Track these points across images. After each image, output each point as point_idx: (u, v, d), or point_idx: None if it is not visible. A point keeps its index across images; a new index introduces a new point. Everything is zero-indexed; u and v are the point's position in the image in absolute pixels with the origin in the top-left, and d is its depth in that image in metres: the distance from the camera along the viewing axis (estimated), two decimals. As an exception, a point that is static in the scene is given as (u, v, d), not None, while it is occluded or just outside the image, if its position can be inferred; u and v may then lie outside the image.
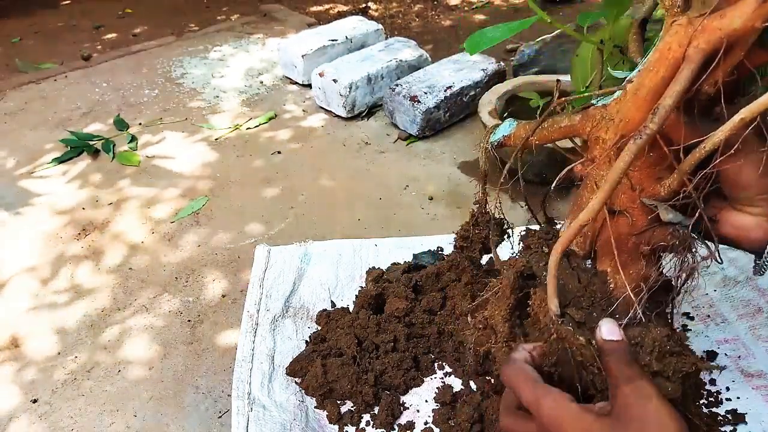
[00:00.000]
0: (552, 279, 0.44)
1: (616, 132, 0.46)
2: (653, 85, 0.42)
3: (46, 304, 1.23)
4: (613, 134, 0.47)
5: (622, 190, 0.48)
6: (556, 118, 0.53)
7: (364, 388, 0.78)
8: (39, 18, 2.91)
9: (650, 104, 0.42)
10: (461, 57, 1.90)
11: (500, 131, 0.58)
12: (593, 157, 0.50)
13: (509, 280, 0.52)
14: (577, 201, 0.53)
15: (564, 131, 0.52)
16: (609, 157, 0.48)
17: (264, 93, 2.07)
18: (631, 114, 0.44)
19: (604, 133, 0.48)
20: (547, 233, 0.58)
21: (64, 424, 0.98)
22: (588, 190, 0.51)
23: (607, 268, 0.51)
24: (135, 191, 1.58)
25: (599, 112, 0.49)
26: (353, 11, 2.82)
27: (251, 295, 0.95)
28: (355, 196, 1.51)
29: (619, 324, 0.46)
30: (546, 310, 0.46)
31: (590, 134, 0.50)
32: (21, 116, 1.99)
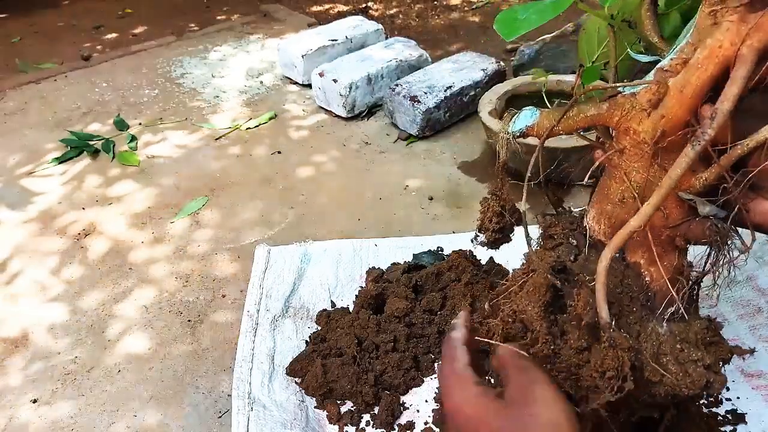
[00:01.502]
0: (601, 287, 0.43)
1: (655, 127, 0.45)
2: (701, 84, 0.42)
3: (46, 304, 1.23)
4: (651, 129, 0.46)
5: (656, 183, 0.48)
6: (582, 107, 0.52)
7: (364, 388, 0.78)
8: (39, 18, 2.91)
9: (696, 102, 0.42)
10: (461, 57, 1.90)
11: (522, 120, 0.56)
12: (622, 147, 0.49)
13: (542, 275, 0.50)
14: (604, 191, 0.52)
15: (590, 120, 0.51)
16: (645, 152, 0.47)
17: (264, 93, 2.07)
18: (675, 111, 0.44)
19: (637, 124, 0.48)
20: (571, 222, 0.57)
21: (64, 424, 0.98)
22: (617, 181, 0.51)
23: (639, 260, 0.51)
24: (135, 191, 1.58)
25: (628, 101, 0.48)
26: (353, 11, 2.82)
27: (251, 295, 0.95)
28: (355, 196, 1.51)
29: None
30: (590, 312, 0.45)
31: (619, 124, 0.49)
32: (21, 116, 1.99)
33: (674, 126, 0.45)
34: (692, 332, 0.47)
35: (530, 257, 0.54)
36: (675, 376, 0.45)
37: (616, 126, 0.50)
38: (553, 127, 0.53)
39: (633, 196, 0.49)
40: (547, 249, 0.56)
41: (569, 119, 0.52)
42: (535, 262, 0.52)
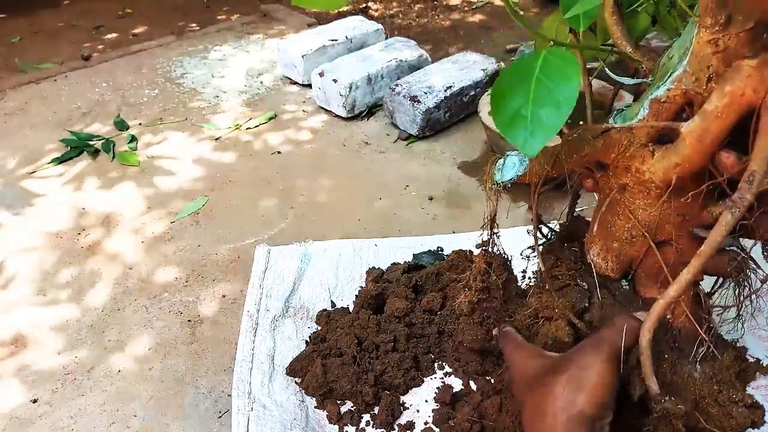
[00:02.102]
0: (647, 360, 0.44)
1: (667, 174, 0.44)
2: (721, 132, 0.40)
3: (46, 305, 1.23)
4: (662, 173, 0.44)
5: (666, 221, 0.47)
6: (573, 145, 0.50)
7: (364, 388, 0.78)
8: (39, 18, 2.91)
9: (714, 150, 0.41)
10: (461, 57, 1.90)
11: (510, 169, 0.54)
12: (623, 184, 0.48)
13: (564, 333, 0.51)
14: (607, 227, 0.51)
15: (584, 161, 0.49)
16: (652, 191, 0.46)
17: (264, 93, 2.07)
18: (693, 160, 0.42)
19: (640, 163, 0.46)
20: (574, 261, 0.56)
21: (64, 424, 0.98)
22: (621, 218, 0.50)
23: (654, 295, 0.51)
24: (135, 191, 1.58)
25: (625, 137, 0.46)
26: (353, 11, 2.82)
27: (251, 295, 0.95)
28: (355, 196, 1.51)
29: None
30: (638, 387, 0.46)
31: (616, 161, 0.47)
32: (21, 116, 1.99)
33: (690, 174, 0.43)
34: (725, 368, 0.47)
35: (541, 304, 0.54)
36: (718, 420, 0.44)
37: (613, 162, 0.48)
38: (546, 173, 0.52)
39: (642, 234, 0.48)
40: (555, 290, 0.53)
41: (562, 161, 0.50)
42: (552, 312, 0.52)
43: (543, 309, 0.53)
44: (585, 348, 0.48)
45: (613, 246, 0.51)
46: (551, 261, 0.56)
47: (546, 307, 0.53)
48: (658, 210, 0.47)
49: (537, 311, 0.53)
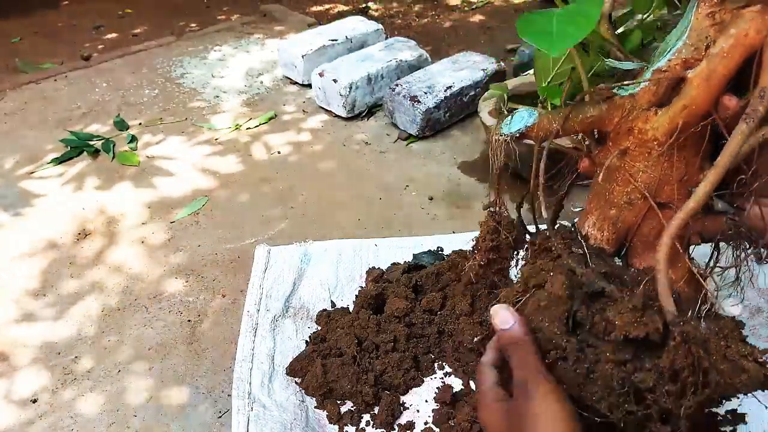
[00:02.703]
0: (664, 277, 0.41)
1: (673, 120, 0.45)
2: (727, 72, 0.42)
3: (47, 305, 1.23)
4: (667, 122, 0.45)
5: (666, 182, 0.47)
6: (581, 108, 0.51)
7: (364, 388, 0.78)
8: (39, 18, 2.91)
9: (719, 91, 0.43)
10: (461, 57, 1.90)
11: (519, 121, 0.53)
12: (624, 148, 0.48)
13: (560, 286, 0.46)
14: (603, 196, 0.50)
15: (590, 122, 0.50)
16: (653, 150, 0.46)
17: (264, 93, 2.07)
18: (700, 100, 0.44)
19: (643, 122, 0.47)
20: (566, 235, 0.53)
21: (64, 424, 0.98)
22: (620, 184, 0.49)
23: (651, 263, 0.48)
24: (135, 191, 1.58)
25: (628, 102, 0.48)
26: (353, 11, 2.82)
27: (251, 295, 0.95)
28: (355, 196, 1.51)
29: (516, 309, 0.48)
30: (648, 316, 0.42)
31: (619, 125, 0.49)
32: (21, 116, 1.99)
33: (696, 116, 0.44)
34: (728, 329, 0.44)
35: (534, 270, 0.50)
36: (728, 377, 0.41)
37: (616, 127, 0.49)
38: (555, 129, 0.51)
39: (642, 196, 0.48)
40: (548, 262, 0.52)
41: (570, 120, 0.51)
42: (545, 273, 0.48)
43: (535, 275, 0.49)
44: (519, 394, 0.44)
45: (610, 213, 0.51)
46: (543, 235, 0.54)
47: (539, 272, 0.49)
48: (659, 168, 0.47)
49: (527, 281, 0.50)
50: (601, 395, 0.43)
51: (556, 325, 0.45)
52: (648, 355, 0.42)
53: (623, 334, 0.41)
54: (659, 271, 0.42)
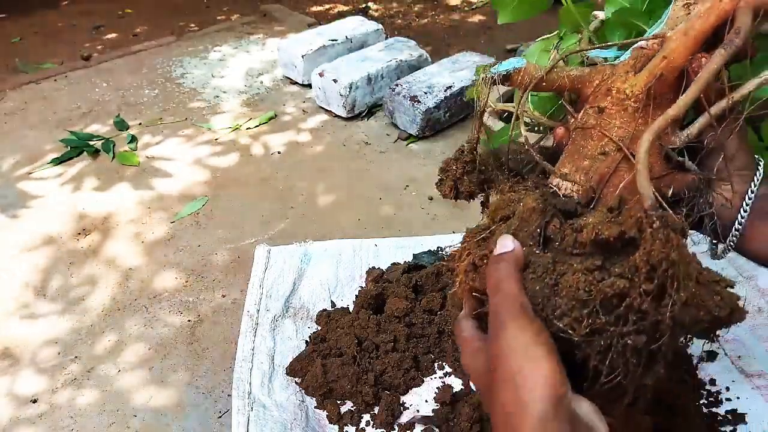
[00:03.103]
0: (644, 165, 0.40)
1: (651, 72, 0.48)
2: (703, 29, 0.47)
3: (47, 305, 1.23)
4: (645, 76, 0.49)
5: (638, 137, 0.48)
6: (566, 67, 0.54)
7: (364, 388, 0.78)
8: (39, 18, 2.91)
9: (696, 47, 0.47)
10: (461, 57, 1.90)
11: (508, 63, 0.55)
12: (601, 107, 0.51)
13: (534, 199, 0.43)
14: (577, 150, 0.52)
15: (573, 80, 0.53)
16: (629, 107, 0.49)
17: (264, 93, 2.07)
18: (678, 52, 0.48)
19: (621, 83, 0.50)
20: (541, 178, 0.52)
21: (64, 424, 0.98)
22: (594, 139, 0.51)
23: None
24: (135, 191, 1.58)
25: (609, 68, 0.52)
26: (353, 11, 2.82)
27: (251, 295, 0.95)
28: (355, 196, 1.51)
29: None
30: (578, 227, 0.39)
31: (599, 87, 0.52)
32: (21, 116, 1.99)
33: (673, 69, 0.48)
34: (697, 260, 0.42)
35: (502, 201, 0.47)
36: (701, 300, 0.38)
37: (595, 89, 0.52)
38: (540, 76, 0.53)
39: (617, 147, 0.49)
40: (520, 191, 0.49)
41: (554, 74, 0.53)
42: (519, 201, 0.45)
43: (503, 207, 0.46)
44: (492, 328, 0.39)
45: (584, 164, 0.51)
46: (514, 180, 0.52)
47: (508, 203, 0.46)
48: (634, 124, 0.49)
49: (494, 214, 0.46)
50: (563, 310, 0.38)
51: (528, 242, 0.42)
52: (618, 261, 0.38)
53: (594, 233, 0.38)
54: (639, 161, 0.41)
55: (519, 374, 0.37)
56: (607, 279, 0.37)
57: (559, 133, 0.55)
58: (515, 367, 0.37)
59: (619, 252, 0.38)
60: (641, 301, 0.36)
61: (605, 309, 0.37)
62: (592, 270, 0.38)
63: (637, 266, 0.36)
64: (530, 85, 0.53)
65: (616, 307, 0.36)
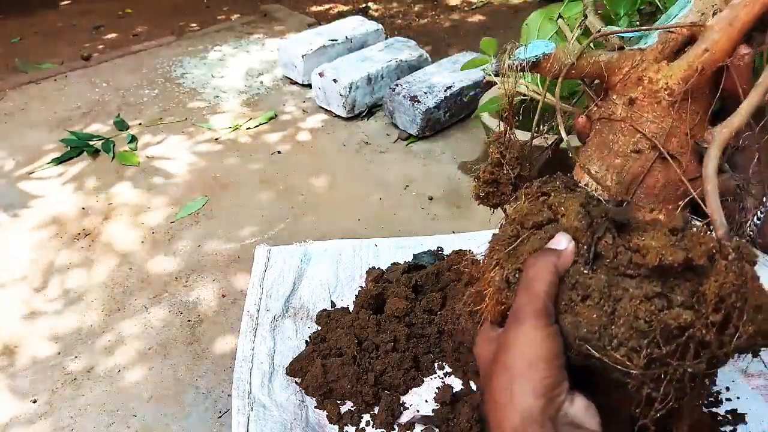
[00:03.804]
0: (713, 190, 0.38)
1: (691, 65, 0.45)
2: (749, 19, 0.44)
3: (47, 304, 1.23)
4: (685, 68, 0.46)
5: (673, 134, 0.46)
6: (594, 51, 0.50)
7: (364, 388, 0.78)
8: (39, 18, 2.91)
9: (740, 38, 0.44)
10: (461, 57, 1.90)
11: (535, 49, 0.50)
12: (632, 98, 0.48)
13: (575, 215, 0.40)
14: (607, 146, 0.49)
15: (601, 66, 0.49)
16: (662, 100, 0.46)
17: (264, 93, 2.07)
18: (722, 44, 0.44)
19: (654, 72, 0.47)
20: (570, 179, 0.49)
21: (64, 424, 0.98)
22: (625, 134, 0.48)
23: (658, 216, 0.44)
24: (135, 191, 1.58)
25: (638, 54, 0.48)
26: (353, 11, 2.82)
27: (251, 295, 0.95)
28: (355, 196, 1.51)
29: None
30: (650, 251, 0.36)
31: (628, 74, 0.48)
32: (21, 116, 1.99)
33: (714, 62, 0.44)
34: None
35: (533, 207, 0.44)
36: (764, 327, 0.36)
37: (624, 77, 0.49)
38: (569, 63, 0.49)
39: (652, 145, 0.46)
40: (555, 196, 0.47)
41: (582, 60, 0.49)
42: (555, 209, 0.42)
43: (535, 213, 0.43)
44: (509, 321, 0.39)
45: (615, 162, 0.48)
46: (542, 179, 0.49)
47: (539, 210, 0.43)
48: (668, 119, 0.46)
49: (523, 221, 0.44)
50: (620, 340, 0.36)
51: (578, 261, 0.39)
52: (677, 286, 0.35)
53: (658, 259, 0.35)
54: (708, 183, 0.39)
55: (517, 367, 0.37)
56: (669, 308, 0.35)
57: (581, 122, 0.51)
58: (516, 360, 0.37)
59: (677, 276, 0.36)
60: (706, 332, 0.34)
61: (665, 339, 0.35)
62: (651, 297, 0.36)
63: (706, 297, 0.34)
64: (561, 74, 0.50)
65: (678, 337, 0.35)
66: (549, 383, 0.36)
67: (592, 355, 0.37)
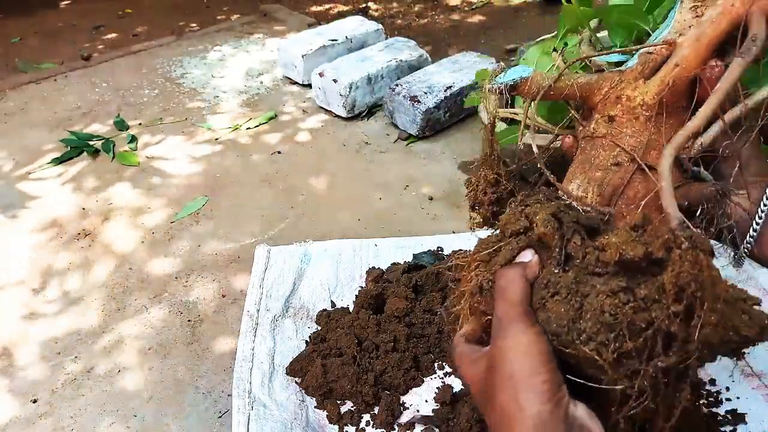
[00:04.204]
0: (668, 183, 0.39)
1: (663, 80, 0.47)
2: (715, 35, 0.46)
3: (46, 305, 1.23)
4: (657, 84, 0.48)
5: (652, 147, 0.48)
6: (573, 74, 0.52)
7: (364, 388, 0.78)
8: (39, 18, 2.91)
9: (708, 54, 0.46)
10: (461, 57, 1.90)
11: (513, 73, 0.53)
12: (611, 116, 0.50)
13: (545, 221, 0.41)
14: (589, 161, 0.51)
15: (580, 86, 0.52)
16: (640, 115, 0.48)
17: (264, 93, 2.07)
18: (690, 59, 0.47)
19: (631, 90, 0.49)
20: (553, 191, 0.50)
21: (64, 423, 0.98)
22: (606, 149, 0.50)
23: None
24: (135, 191, 1.58)
25: (617, 75, 0.50)
26: (353, 11, 2.82)
27: (251, 295, 0.95)
28: (355, 196, 1.51)
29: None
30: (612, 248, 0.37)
31: (608, 94, 0.51)
32: (21, 116, 1.99)
33: (685, 76, 0.46)
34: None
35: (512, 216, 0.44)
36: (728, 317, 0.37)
37: (604, 97, 0.51)
38: (547, 85, 0.52)
39: (630, 158, 0.49)
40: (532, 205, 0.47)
41: (561, 82, 0.52)
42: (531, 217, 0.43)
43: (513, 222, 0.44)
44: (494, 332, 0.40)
45: (596, 175, 0.50)
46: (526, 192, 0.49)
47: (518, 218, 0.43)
48: (646, 133, 0.48)
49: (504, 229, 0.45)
50: (588, 335, 0.37)
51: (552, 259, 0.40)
52: (642, 281, 0.37)
53: (619, 254, 0.37)
54: (663, 179, 0.41)
55: (518, 376, 0.37)
56: (633, 301, 0.36)
57: (567, 142, 0.54)
58: (515, 369, 0.37)
59: (643, 271, 0.37)
60: (669, 323, 0.35)
61: (631, 332, 0.35)
62: (616, 291, 0.36)
63: (665, 288, 0.35)
64: (538, 95, 0.53)
65: (644, 330, 0.35)
66: (551, 386, 0.37)
67: (562, 351, 0.38)
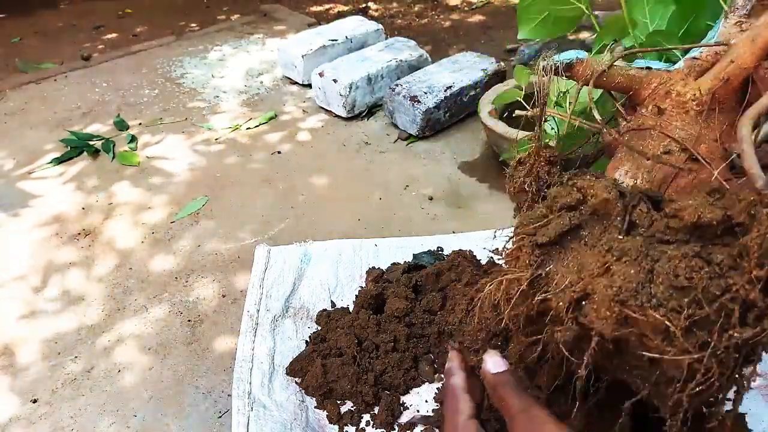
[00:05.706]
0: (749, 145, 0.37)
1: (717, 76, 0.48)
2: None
3: (46, 304, 1.23)
4: (710, 80, 0.49)
5: (701, 141, 0.48)
6: (624, 66, 0.53)
7: (364, 388, 0.78)
8: (39, 18, 2.91)
9: (762, 54, 0.47)
10: (461, 57, 1.90)
11: (570, 54, 0.55)
12: (661, 108, 0.51)
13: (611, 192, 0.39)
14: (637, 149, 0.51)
15: (629, 79, 0.53)
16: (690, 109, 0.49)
17: (264, 93, 2.07)
18: (745, 58, 0.48)
19: (681, 87, 0.50)
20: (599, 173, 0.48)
21: (64, 424, 0.98)
22: (654, 139, 0.50)
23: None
24: (135, 191, 1.58)
25: (665, 73, 0.52)
26: (353, 11, 2.82)
27: (251, 295, 0.95)
28: (355, 196, 1.51)
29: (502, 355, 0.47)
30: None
31: (657, 89, 0.52)
32: (21, 116, 1.99)
33: (740, 73, 0.47)
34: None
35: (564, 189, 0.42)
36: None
37: (653, 92, 0.52)
38: (601, 72, 0.53)
39: (681, 147, 0.49)
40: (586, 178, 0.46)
41: (614, 70, 0.53)
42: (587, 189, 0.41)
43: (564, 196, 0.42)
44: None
45: (646, 162, 0.49)
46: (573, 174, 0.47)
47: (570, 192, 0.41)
48: (696, 127, 0.49)
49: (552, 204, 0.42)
50: (659, 299, 0.34)
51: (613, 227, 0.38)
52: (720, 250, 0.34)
53: (696, 216, 0.34)
54: (744, 142, 0.38)
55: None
56: (709, 266, 0.33)
57: (608, 138, 0.54)
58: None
59: (715, 239, 0.35)
60: (749, 290, 0.32)
61: (708, 298, 0.33)
62: (691, 256, 0.34)
63: (748, 251, 0.32)
64: (591, 78, 0.53)
65: (720, 296, 0.33)
66: None
67: (629, 317, 0.35)
